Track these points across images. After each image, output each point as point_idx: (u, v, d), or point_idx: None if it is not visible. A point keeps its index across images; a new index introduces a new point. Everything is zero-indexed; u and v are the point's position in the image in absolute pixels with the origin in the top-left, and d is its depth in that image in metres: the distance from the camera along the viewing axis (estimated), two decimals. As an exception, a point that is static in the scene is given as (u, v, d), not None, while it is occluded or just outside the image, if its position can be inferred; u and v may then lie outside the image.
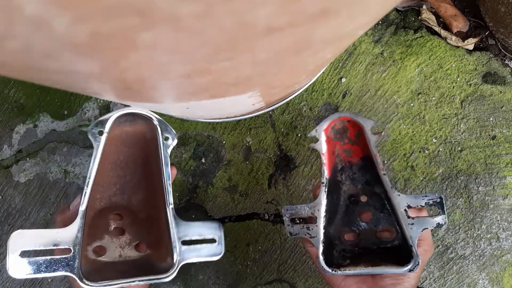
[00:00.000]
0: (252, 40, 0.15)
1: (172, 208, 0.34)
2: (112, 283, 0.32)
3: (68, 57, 0.14)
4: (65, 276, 0.38)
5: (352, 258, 0.35)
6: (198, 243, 0.36)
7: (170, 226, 0.34)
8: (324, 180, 0.35)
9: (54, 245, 0.31)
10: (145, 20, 0.12)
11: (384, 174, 0.34)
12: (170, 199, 0.34)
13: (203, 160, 0.51)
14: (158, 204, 0.36)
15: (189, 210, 0.50)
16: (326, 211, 0.35)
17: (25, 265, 0.30)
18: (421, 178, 0.48)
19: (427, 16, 0.50)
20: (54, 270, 0.30)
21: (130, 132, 0.35)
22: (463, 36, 0.50)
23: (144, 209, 0.38)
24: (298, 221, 0.35)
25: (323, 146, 0.35)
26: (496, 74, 0.49)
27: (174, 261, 0.34)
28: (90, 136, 0.31)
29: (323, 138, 0.35)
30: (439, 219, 0.32)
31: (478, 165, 0.48)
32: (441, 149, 0.49)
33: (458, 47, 0.50)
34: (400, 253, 0.34)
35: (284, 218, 0.35)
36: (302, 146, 0.50)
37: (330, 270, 0.33)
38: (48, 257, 0.31)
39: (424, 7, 0.50)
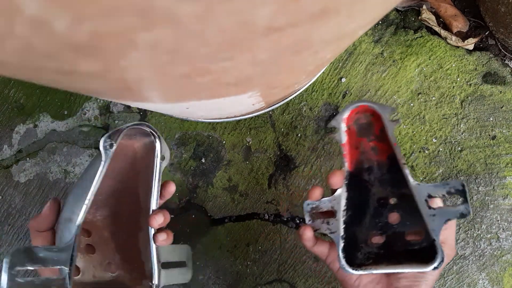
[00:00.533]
0: (252, 40, 0.15)
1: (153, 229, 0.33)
2: None
3: (68, 57, 0.14)
4: None
5: (376, 258, 0.34)
6: (170, 266, 0.35)
7: (151, 248, 0.32)
8: (345, 172, 0.34)
9: (52, 264, 0.30)
10: (145, 20, 0.12)
11: (404, 164, 0.33)
12: None
13: (203, 160, 0.51)
14: (131, 223, 0.34)
15: (189, 210, 0.50)
16: (347, 206, 0.34)
17: (21, 284, 0.29)
18: (421, 178, 0.48)
19: (427, 16, 0.50)
20: None
21: (124, 146, 0.34)
22: (463, 36, 0.50)
23: (112, 226, 0.36)
24: (318, 217, 0.35)
25: (342, 137, 0.34)
26: (496, 74, 0.49)
27: (155, 285, 0.32)
28: (101, 149, 0.30)
29: (343, 129, 0.34)
30: (462, 208, 0.30)
31: (478, 165, 0.48)
32: (441, 149, 0.49)
33: (458, 47, 0.50)
34: (426, 253, 0.32)
35: (305, 213, 0.35)
36: (302, 146, 0.50)
37: (351, 270, 0.31)
38: (44, 278, 0.30)
39: (424, 7, 0.50)
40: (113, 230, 0.36)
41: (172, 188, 0.35)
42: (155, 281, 0.32)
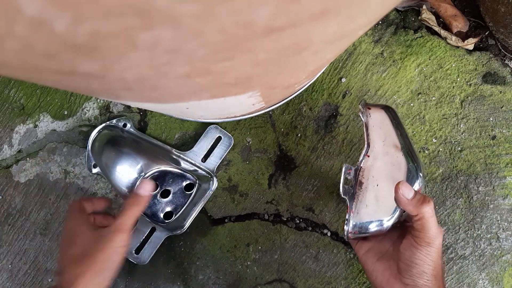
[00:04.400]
0: (252, 40, 0.15)
1: None
2: None
3: (68, 57, 0.14)
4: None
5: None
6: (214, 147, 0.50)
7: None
8: (365, 148, 0.38)
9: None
10: (145, 20, 0.12)
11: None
12: None
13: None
14: None
15: (189, 210, 0.50)
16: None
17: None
18: (421, 178, 0.49)
19: (427, 16, 0.50)
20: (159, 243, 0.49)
21: None
22: (463, 36, 0.50)
23: None
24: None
25: (363, 117, 0.39)
26: (496, 74, 0.49)
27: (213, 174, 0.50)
28: None
29: (365, 112, 0.39)
30: None
31: (478, 165, 0.48)
32: (441, 149, 0.49)
33: (458, 47, 0.50)
34: None
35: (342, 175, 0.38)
36: (302, 146, 0.50)
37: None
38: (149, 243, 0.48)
39: (424, 7, 0.50)
40: None
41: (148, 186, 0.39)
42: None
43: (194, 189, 0.49)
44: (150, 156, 0.48)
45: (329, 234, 0.48)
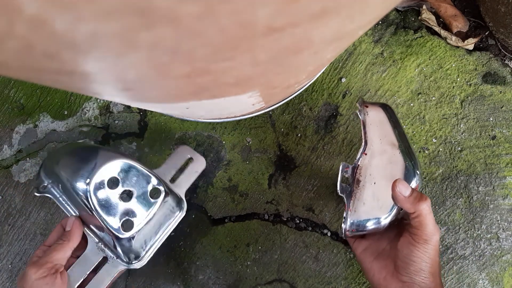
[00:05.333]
0: (252, 40, 0.15)
1: None
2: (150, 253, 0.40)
3: (68, 57, 0.14)
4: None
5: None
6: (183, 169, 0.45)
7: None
8: (362, 146, 0.38)
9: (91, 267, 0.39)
10: (145, 20, 0.12)
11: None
12: None
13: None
14: None
15: (189, 210, 0.50)
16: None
17: None
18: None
19: (427, 16, 0.50)
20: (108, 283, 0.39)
21: None
22: (463, 36, 0.50)
23: None
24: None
25: (360, 115, 0.39)
26: (496, 74, 0.49)
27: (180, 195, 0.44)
28: None
29: (363, 110, 0.39)
30: None
31: (478, 165, 0.48)
32: (441, 149, 0.49)
33: (458, 47, 0.50)
34: None
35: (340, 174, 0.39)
36: (302, 146, 0.50)
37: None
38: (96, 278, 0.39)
39: (424, 7, 0.50)
40: None
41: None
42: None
43: (161, 197, 0.39)
44: (110, 152, 0.39)
45: (329, 234, 0.48)
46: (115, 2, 0.11)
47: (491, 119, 0.49)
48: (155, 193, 0.39)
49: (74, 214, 0.40)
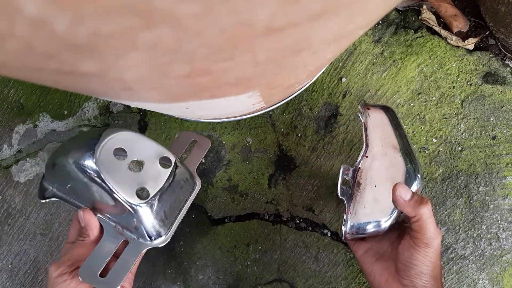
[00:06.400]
0: (252, 40, 0.15)
1: None
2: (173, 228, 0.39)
3: (68, 57, 0.14)
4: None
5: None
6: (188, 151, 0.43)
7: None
8: (363, 148, 0.38)
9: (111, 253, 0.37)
10: (145, 20, 0.12)
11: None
12: None
13: (203, 160, 0.51)
14: None
15: (189, 210, 0.50)
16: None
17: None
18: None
19: (427, 16, 0.50)
20: (131, 266, 0.37)
21: None
22: (463, 36, 0.50)
23: None
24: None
25: (362, 118, 0.39)
26: (496, 74, 0.49)
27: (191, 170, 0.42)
28: None
29: (364, 112, 0.39)
30: None
31: (478, 165, 0.48)
32: (441, 149, 0.49)
33: (458, 47, 0.50)
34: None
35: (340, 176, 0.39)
36: (302, 146, 0.50)
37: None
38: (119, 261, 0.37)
39: (424, 7, 0.50)
40: None
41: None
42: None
43: (172, 164, 0.38)
44: (112, 128, 0.37)
45: (329, 234, 0.48)
46: (115, 2, 0.11)
47: (491, 119, 0.49)
48: (165, 162, 0.38)
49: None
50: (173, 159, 0.39)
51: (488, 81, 0.49)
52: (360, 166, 0.38)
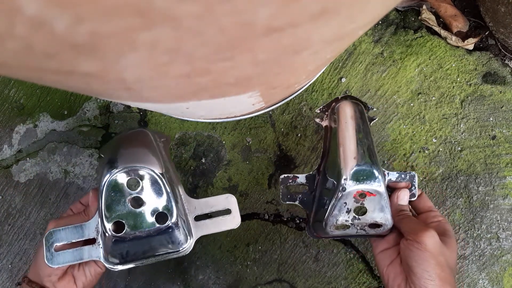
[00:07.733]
0: (252, 40, 0.15)
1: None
2: (129, 265, 0.35)
3: (68, 57, 0.14)
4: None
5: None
6: (214, 216, 0.38)
7: (182, 201, 0.37)
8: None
9: (82, 237, 0.35)
10: (145, 20, 0.12)
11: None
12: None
13: (203, 160, 0.51)
14: None
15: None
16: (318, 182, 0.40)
17: (60, 257, 0.35)
18: (421, 178, 0.48)
19: (427, 16, 0.50)
20: (81, 258, 0.35)
21: None
22: (463, 36, 0.50)
23: None
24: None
25: (323, 122, 0.41)
26: (496, 74, 0.49)
27: (188, 236, 0.36)
28: None
29: (325, 116, 0.41)
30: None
31: (478, 165, 0.48)
32: (441, 149, 0.49)
33: (458, 47, 0.50)
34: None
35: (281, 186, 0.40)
36: (302, 146, 0.50)
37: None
38: (77, 249, 0.35)
39: (424, 7, 0.50)
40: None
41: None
42: (191, 232, 0.37)
43: (165, 224, 0.34)
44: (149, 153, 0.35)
45: (329, 234, 0.48)
46: (114, 2, 0.11)
47: (491, 119, 0.49)
48: (163, 216, 0.35)
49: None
50: (171, 221, 0.35)
51: (487, 81, 0.49)
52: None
